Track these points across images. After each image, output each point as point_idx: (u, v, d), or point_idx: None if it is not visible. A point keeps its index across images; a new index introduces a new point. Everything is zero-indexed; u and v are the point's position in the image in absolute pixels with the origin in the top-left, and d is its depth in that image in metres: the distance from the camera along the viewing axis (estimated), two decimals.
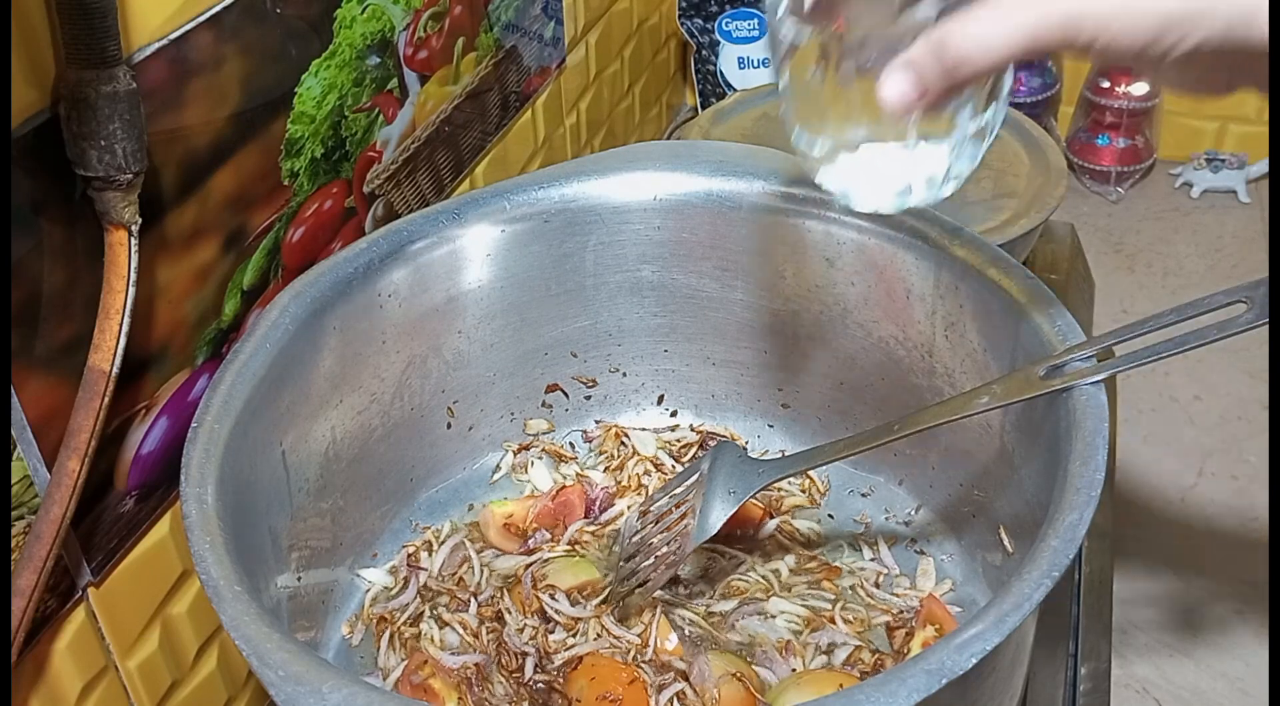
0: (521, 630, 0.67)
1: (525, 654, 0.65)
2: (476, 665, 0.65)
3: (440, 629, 0.68)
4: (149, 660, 0.62)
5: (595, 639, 0.66)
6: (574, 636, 0.66)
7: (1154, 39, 0.42)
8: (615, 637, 0.66)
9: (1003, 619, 0.45)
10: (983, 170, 0.98)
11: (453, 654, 0.66)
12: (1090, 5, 0.42)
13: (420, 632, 0.68)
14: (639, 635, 0.66)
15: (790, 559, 0.72)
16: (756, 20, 1.32)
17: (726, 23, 1.33)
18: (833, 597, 0.69)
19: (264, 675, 0.45)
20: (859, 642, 0.66)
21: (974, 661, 0.43)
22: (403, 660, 0.66)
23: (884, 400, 0.74)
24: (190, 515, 0.52)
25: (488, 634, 0.67)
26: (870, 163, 0.50)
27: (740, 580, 0.71)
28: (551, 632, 0.66)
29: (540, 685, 0.64)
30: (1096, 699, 0.71)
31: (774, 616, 0.68)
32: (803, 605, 0.69)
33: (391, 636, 0.68)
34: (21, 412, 0.51)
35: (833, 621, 0.67)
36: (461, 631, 0.68)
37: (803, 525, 0.75)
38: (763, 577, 0.71)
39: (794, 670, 0.65)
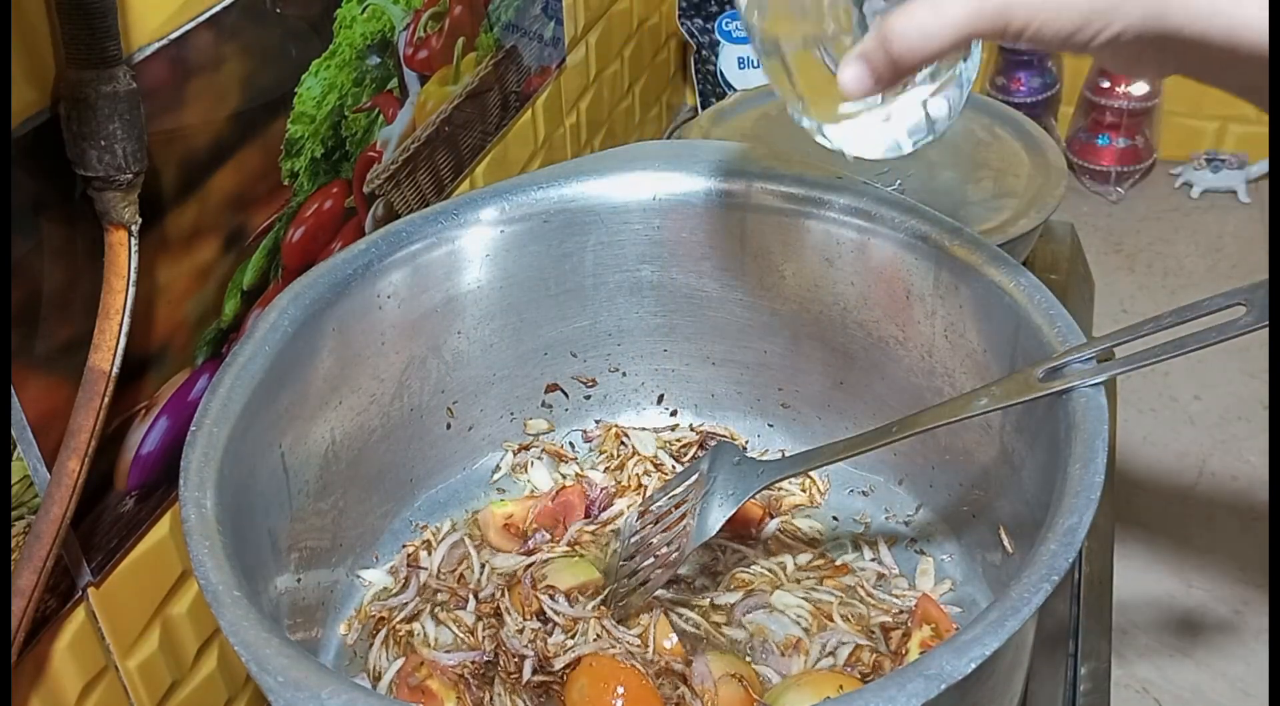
0: (520, 631, 0.67)
1: (524, 656, 0.65)
2: (474, 663, 0.65)
3: (436, 627, 0.68)
4: (149, 660, 0.62)
5: (595, 639, 0.66)
6: (573, 637, 0.66)
7: (1078, 28, 0.46)
8: (615, 638, 0.66)
9: (1002, 622, 0.45)
10: (983, 170, 0.98)
11: (447, 652, 0.66)
12: (1015, 3, 0.45)
13: (413, 631, 0.68)
14: (638, 635, 0.66)
15: (795, 555, 0.72)
16: None
17: (726, 23, 1.33)
18: (837, 593, 0.69)
19: (263, 681, 0.45)
20: (861, 641, 0.66)
21: (973, 666, 0.43)
22: (395, 659, 0.66)
23: (884, 400, 0.74)
24: (189, 519, 0.52)
25: (484, 631, 0.67)
26: (855, 127, 0.55)
27: (745, 573, 0.71)
28: (550, 635, 0.66)
29: (539, 686, 0.64)
30: (1096, 699, 0.71)
31: (779, 609, 0.68)
32: (807, 598, 0.69)
33: (387, 635, 0.68)
34: (21, 412, 0.51)
35: (831, 618, 0.67)
36: (456, 629, 0.68)
37: (803, 525, 0.75)
38: (768, 570, 0.71)
39: (795, 669, 0.65)
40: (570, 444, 0.81)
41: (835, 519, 0.76)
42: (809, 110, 0.56)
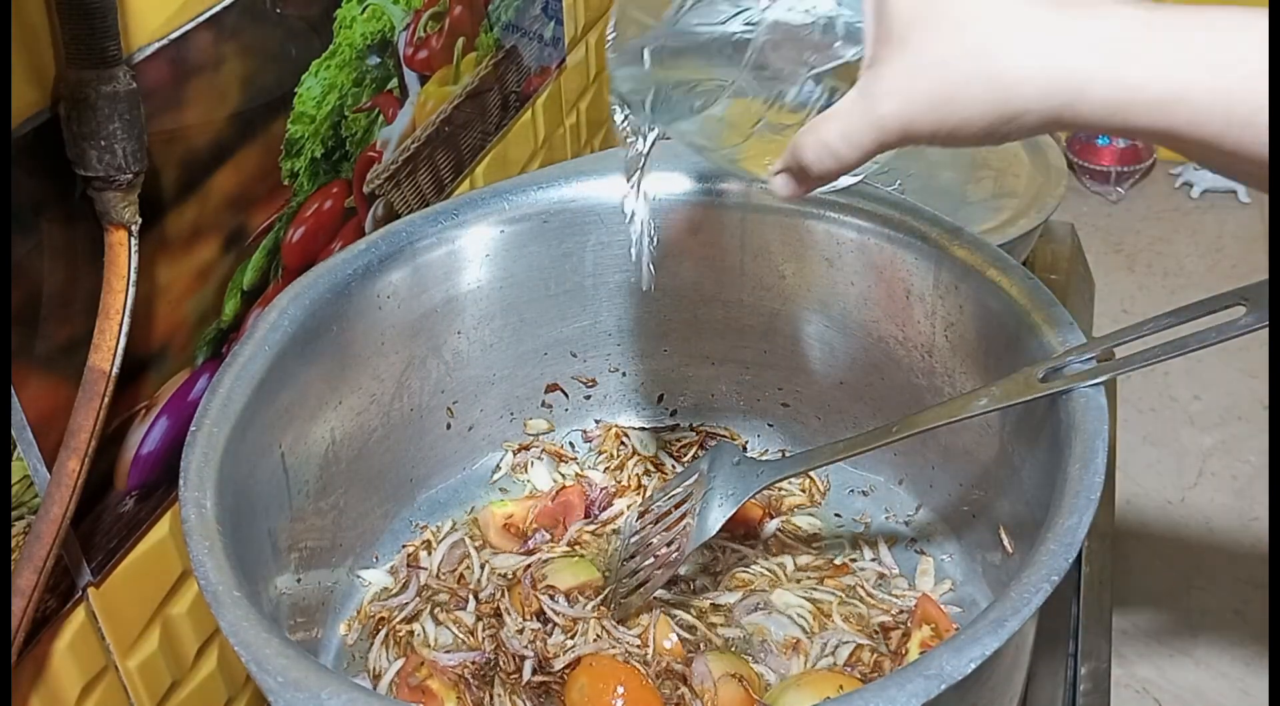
0: (520, 631, 0.67)
1: (524, 656, 0.65)
2: (473, 663, 0.65)
3: (436, 627, 0.68)
4: (149, 660, 0.62)
5: (595, 640, 0.66)
6: (573, 638, 0.66)
7: (982, 139, 0.46)
8: (614, 638, 0.66)
9: (1002, 623, 0.45)
10: (983, 170, 0.98)
11: (447, 652, 0.66)
12: (916, 124, 0.46)
13: (413, 632, 0.68)
14: (638, 636, 0.66)
15: (795, 556, 0.72)
16: None
17: None
18: (837, 593, 0.69)
19: (263, 681, 0.45)
20: (862, 641, 0.66)
21: (973, 666, 0.43)
22: (395, 659, 0.66)
23: (884, 400, 0.74)
24: (189, 520, 0.52)
25: (484, 631, 0.67)
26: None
27: (744, 572, 0.71)
28: (550, 636, 0.66)
29: (539, 686, 0.64)
30: (1096, 699, 0.71)
31: (779, 609, 0.68)
32: (808, 598, 0.69)
33: (387, 635, 0.68)
34: (21, 413, 0.51)
35: (831, 618, 0.67)
36: (456, 629, 0.68)
37: (803, 524, 0.75)
38: (768, 570, 0.71)
39: (795, 669, 0.65)
40: (570, 444, 0.81)
41: (836, 518, 0.75)
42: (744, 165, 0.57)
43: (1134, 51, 0.43)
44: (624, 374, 0.81)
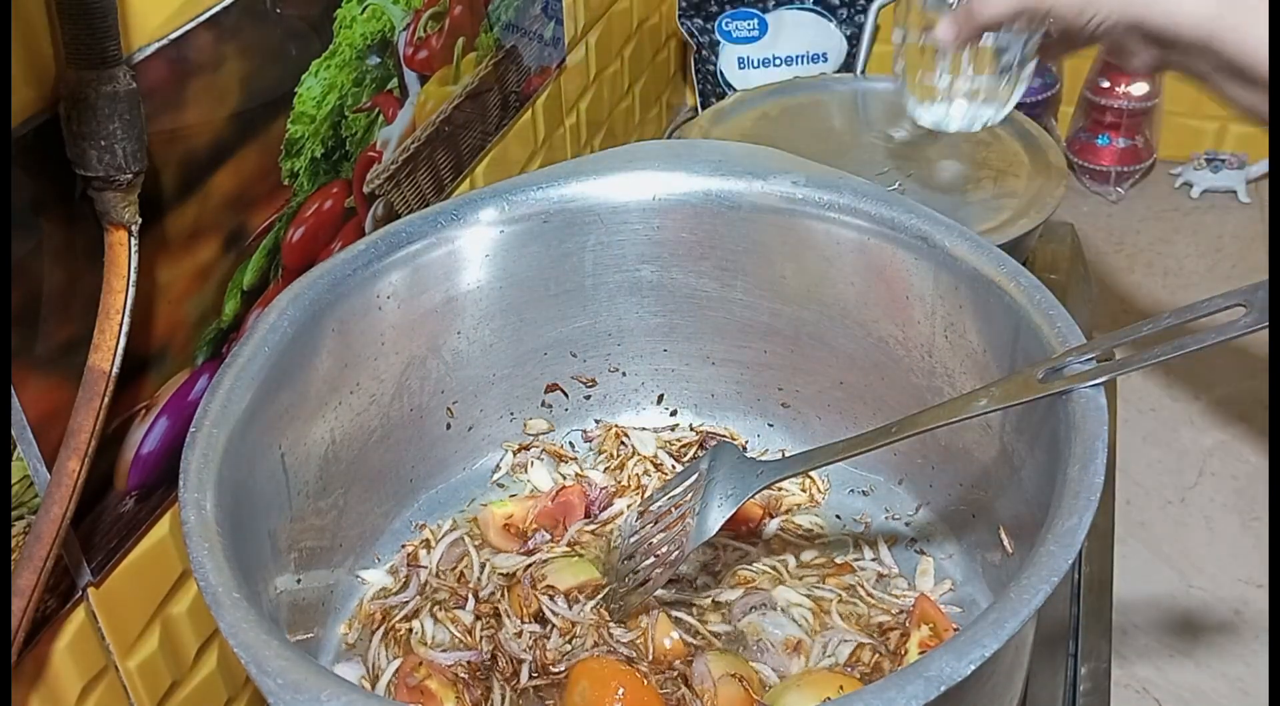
0: (519, 634, 0.67)
1: (522, 660, 0.65)
2: (469, 664, 0.65)
3: (434, 626, 0.68)
4: (149, 660, 0.62)
5: (594, 645, 0.66)
6: (572, 640, 0.66)
7: (1078, 13, 0.67)
8: (614, 639, 0.66)
9: (1001, 623, 0.45)
10: (983, 170, 0.98)
11: (444, 651, 0.66)
12: None
13: (412, 630, 0.68)
14: (638, 636, 0.66)
15: (798, 553, 0.72)
16: (756, 20, 1.32)
17: (726, 23, 1.33)
18: (838, 592, 0.69)
19: (262, 683, 0.45)
20: (863, 640, 0.66)
21: (972, 668, 0.43)
22: (393, 659, 0.66)
23: (884, 400, 0.74)
24: (189, 521, 0.52)
25: (482, 631, 0.67)
26: (948, 107, 0.84)
27: (746, 570, 0.71)
28: (549, 639, 0.66)
29: (537, 687, 0.64)
30: (1096, 699, 0.71)
31: (780, 607, 0.68)
32: (809, 595, 0.69)
33: (385, 634, 0.68)
34: (21, 413, 0.51)
35: (829, 616, 0.67)
36: (454, 629, 0.68)
37: (804, 522, 0.75)
38: (770, 568, 0.71)
39: (795, 669, 0.65)
40: (570, 444, 0.81)
41: (836, 518, 0.76)
42: (916, 84, 0.84)
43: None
44: (624, 374, 0.81)
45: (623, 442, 0.80)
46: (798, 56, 1.34)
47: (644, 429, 0.82)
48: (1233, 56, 0.60)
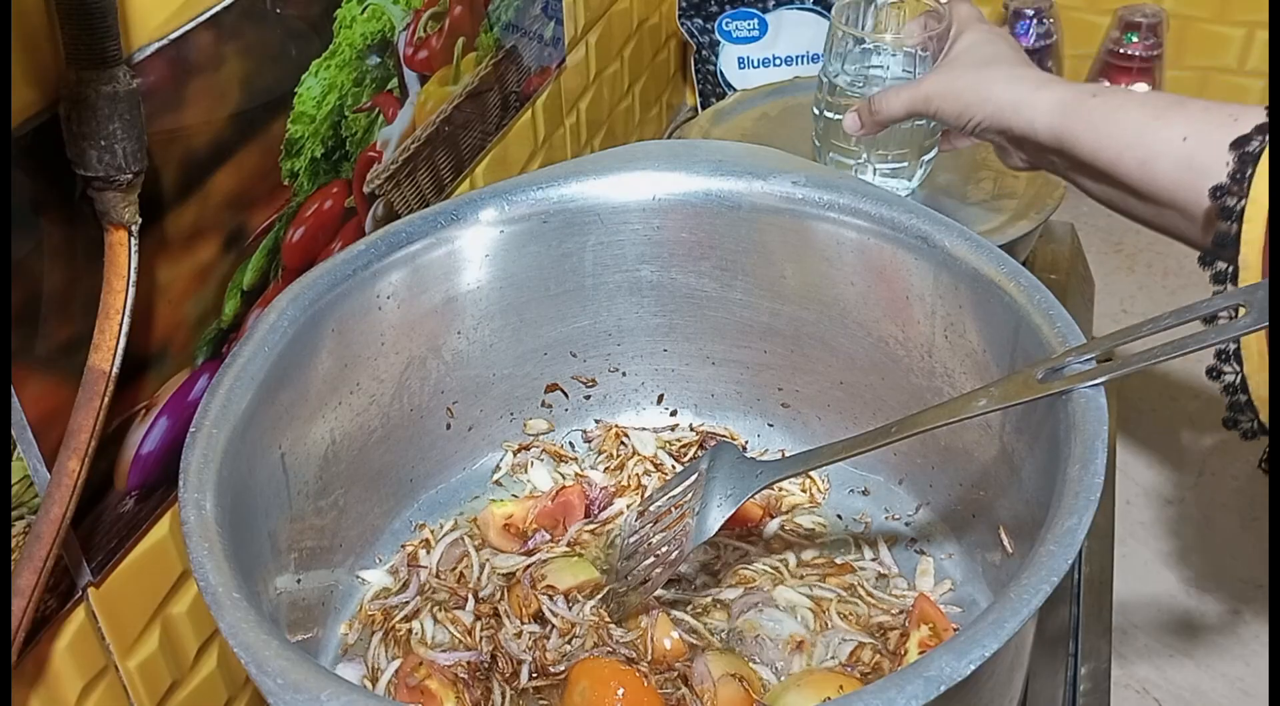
0: (519, 635, 0.67)
1: (521, 661, 0.65)
2: (469, 664, 0.65)
3: (434, 626, 0.68)
4: (149, 660, 0.62)
5: (594, 645, 0.66)
6: (572, 640, 0.66)
7: (958, 116, 0.76)
8: (614, 639, 0.66)
9: (1001, 623, 0.45)
10: (983, 171, 0.98)
11: (443, 652, 0.66)
12: (933, 92, 0.78)
13: (412, 630, 0.68)
14: (638, 636, 0.66)
15: (799, 552, 0.72)
16: (756, 20, 1.32)
17: (726, 23, 1.33)
18: (838, 591, 0.69)
19: (262, 683, 0.45)
20: (864, 639, 0.66)
21: (972, 668, 0.43)
22: (393, 659, 0.66)
23: (884, 400, 0.74)
24: (189, 521, 0.52)
25: (482, 632, 0.67)
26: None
27: (746, 569, 0.71)
28: (548, 640, 0.66)
29: (537, 689, 0.64)
30: (1096, 699, 0.71)
31: (780, 606, 0.68)
32: (809, 595, 0.69)
33: (385, 633, 0.68)
34: (21, 412, 0.51)
35: (828, 615, 0.67)
36: (453, 629, 0.68)
37: (804, 523, 0.75)
38: (771, 567, 0.71)
39: (796, 668, 0.65)
40: (570, 444, 0.81)
41: (837, 518, 0.76)
42: (829, 164, 0.95)
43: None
44: (624, 374, 0.81)
45: (623, 443, 0.80)
46: (798, 56, 1.34)
47: (644, 429, 0.82)
48: (1080, 155, 0.69)
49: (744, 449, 0.80)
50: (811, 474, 0.78)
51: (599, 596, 0.69)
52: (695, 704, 0.62)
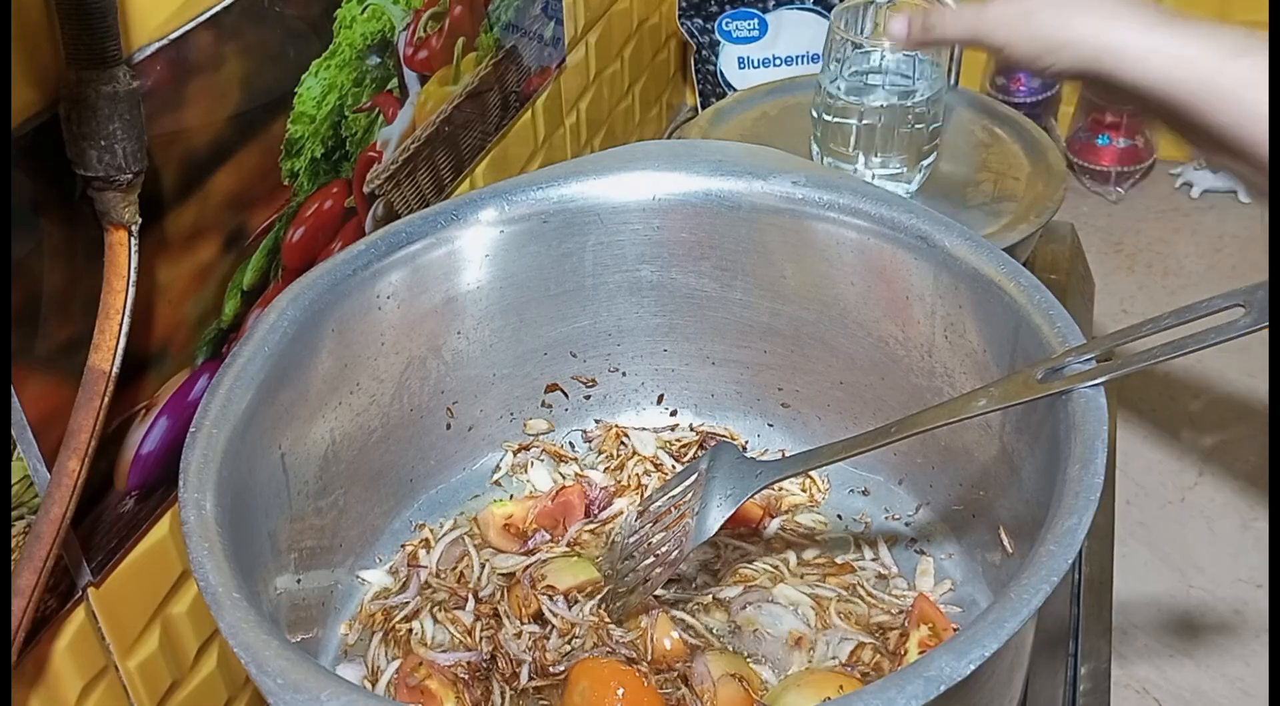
0: (519, 635, 0.67)
1: (521, 661, 0.65)
2: (469, 664, 0.65)
3: (434, 626, 0.68)
4: (149, 660, 0.62)
5: (594, 645, 0.66)
6: (572, 640, 0.66)
7: (1034, 58, 0.65)
8: (614, 639, 0.66)
9: (1001, 623, 0.45)
10: (983, 172, 0.98)
11: (443, 652, 0.66)
12: (1001, 22, 0.66)
13: (412, 630, 0.68)
14: (638, 636, 0.66)
15: (800, 551, 0.72)
16: (756, 20, 1.32)
17: (726, 23, 1.33)
18: (838, 591, 0.69)
19: (262, 683, 0.45)
20: (864, 639, 0.66)
21: (972, 668, 0.43)
22: (393, 659, 0.66)
23: (884, 400, 0.74)
24: (189, 521, 0.51)
25: (482, 632, 0.67)
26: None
27: (746, 568, 0.71)
28: (548, 640, 0.66)
29: (537, 690, 0.64)
30: (1096, 699, 0.71)
31: (781, 605, 0.68)
32: (809, 594, 0.69)
33: (386, 634, 0.68)
34: (21, 412, 0.51)
35: (829, 614, 0.67)
36: (453, 629, 0.68)
37: (804, 523, 0.75)
38: (771, 566, 0.71)
39: (796, 667, 0.65)
40: (570, 444, 0.81)
41: (837, 518, 0.76)
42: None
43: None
44: (624, 374, 0.81)
45: (623, 442, 0.80)
46: (798, 57, 1.34)
47: (644, 429, 0.82)
48: (1212, 128, 0.54)
49: (744, 449, 0.80)
50: (811, 474, 0.78)
51: (599, 596, 0.69)
52: (695, 704, 0.62)
